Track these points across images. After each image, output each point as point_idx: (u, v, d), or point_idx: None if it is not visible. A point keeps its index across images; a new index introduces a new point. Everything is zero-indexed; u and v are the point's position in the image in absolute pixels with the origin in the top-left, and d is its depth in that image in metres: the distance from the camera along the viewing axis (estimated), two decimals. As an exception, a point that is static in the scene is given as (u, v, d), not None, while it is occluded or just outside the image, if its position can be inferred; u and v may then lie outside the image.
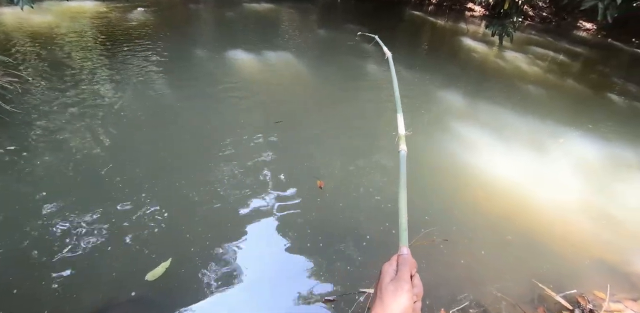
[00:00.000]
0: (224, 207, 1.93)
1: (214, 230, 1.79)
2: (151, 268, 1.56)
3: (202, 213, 1.87)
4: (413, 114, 3.27)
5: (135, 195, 1.92)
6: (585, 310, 1.63)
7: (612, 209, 2.45)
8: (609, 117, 4.13)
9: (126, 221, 1.77)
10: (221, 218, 1.86)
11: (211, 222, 1.83)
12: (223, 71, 3.64)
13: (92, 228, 1.71)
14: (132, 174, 2.06)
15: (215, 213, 1.88)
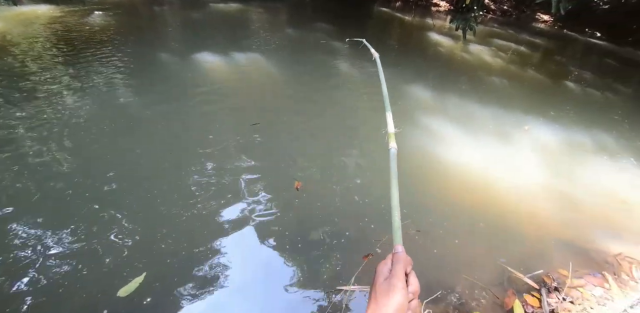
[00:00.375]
0: (199, 215, 1.88)
1: (189, 239, 1.74)
2: (124, 284, 1.50)
3: (176, 223, 1.82)
4: (379, 106, 3.31)
5: (104, 209, 1.84)
6: (551, 288, 1.72)
7: (572, 190, 2.59)
8: (567, 104, 4.36)
9: (95, 236, 1.69)
10: (196, 227, 1.82)
11: (186, 232, 1.78)
12: (191, 75, 3.53)
13: (59, 245, 1.63)
14: (99, 187, 1.97)
15: (190, 222, 1.83)
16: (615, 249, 2.10)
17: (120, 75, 3.29)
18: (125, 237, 1.70)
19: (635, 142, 3.52)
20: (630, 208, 2.52)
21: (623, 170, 2.99)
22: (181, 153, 2.33)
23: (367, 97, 3.54)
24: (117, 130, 2.47)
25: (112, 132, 2.44)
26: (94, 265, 1.56)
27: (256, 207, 1.99)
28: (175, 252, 1.67)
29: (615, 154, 3.23)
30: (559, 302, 1.63)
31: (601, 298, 1.72)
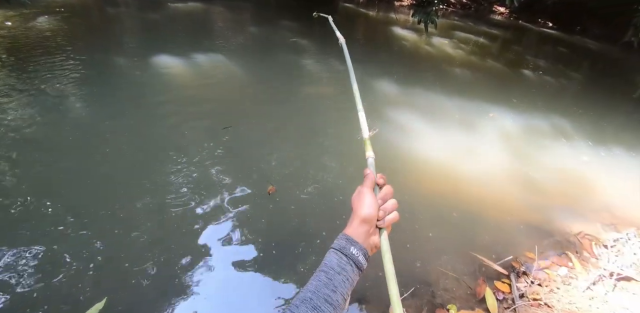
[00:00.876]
0: (166, 230, 1.75)
1: (156, 257, 1.61)
2: (83, 310, 1.37)
3: (140, 241, 1.68)
4: (350, 105, 3.27)
5: (60, 231, 1.67)
6: (520, 273, 1.76)
7: (534, 174, 2.67)
8: (525, 92, 4.52)
9: (50, 261, 1.52)
10: (164, 243, 1.69)
11: (152, 249, 1.65)
12: (152, 80, 3.31)
13: (9, 272, 1.46)
14: (53, 209, 1.78)
15: (156, 238, 1.70)
16: (576, 228, 2.18)
17: (72, 85, 3.01)
18: (84, 259, 1.55)
19: (586, 125, 3.70)
20: (586, 188, 2.63)
21: (579, 152, 3.13)
22: (147, 164, 2.17)
23: (336, 96, 3.49)
24: (73, 145, 2.23)
25: (67, 148, 2.22)
26: (50, 291, 1.41)
27: (228, 216, 1.88)
28: (140, 272, 1.54)
29: (571, 137, 3.37)
30: (527, 286, 1.66)
31: (566, 278, 1.77)
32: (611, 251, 1.95)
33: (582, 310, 1.52)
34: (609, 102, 4.68)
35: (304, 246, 1.77)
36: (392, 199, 0.62)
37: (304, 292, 0.50)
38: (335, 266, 0.53)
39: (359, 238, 0.56)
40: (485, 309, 1.57)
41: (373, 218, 0.57)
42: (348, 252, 0.54)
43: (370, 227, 0.57)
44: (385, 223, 0.59)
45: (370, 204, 0.57)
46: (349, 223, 0.58)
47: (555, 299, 1.58)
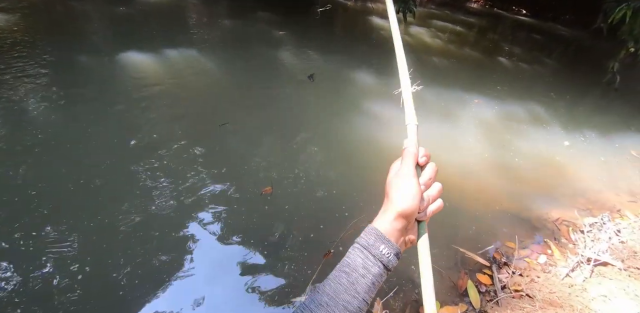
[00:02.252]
0: (155, 236, 1.62)
1: (144, 265, 1.49)
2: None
3: (127, 248, 1.54)
4: (327, 97, 3.16)
5: (35, 239, 1.51)
6: (501, 263, 1.73)
7: (512, 161, 2.65)
8: (501, 79, 4.50)
9: (25, 279, 1.38)
10: (152, 250, 1.56)
11: (140, 256, 1.52)
12: (124, 79, 3.05)
13: None
14: (25, 221, 1.61)
15: (144, 245, 1.57)
16: (554, 215, 2.17)
17: (36, 86, 2.73)
18: (64, 274, 1.41)
19: (561, 111, 3.72)
20: (562, 173, 2.63)
21: (554, 138, 3.13)
22: (121, 167, 1.99)
23: (316, 91, 3.35)
24: (40, 150, 2.02)
25: (33, 153, 2.02)
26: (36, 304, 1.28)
27: (220, 218, 1.76)
28: (128, 284, 1.42)
29: (546, 123, 3.38)
30: (509, 277, 1.63)
31: (545, 265, 1.76)
32: (587, 236, 1.95)
33: (562, 299, 1.50)
34: (581, 87, 4.73)
35: (295, 245, 1.69)
36: (436, 183, 0.51)
37: (319, 293, 0.40)
38: (360, 267, 0.43)
39: (392, 235, 0.45)
40: (468, 303, 1.53)
41: (414, 212, 0.45)
42: (376, 252, 0.44)
43: (409, 223, 0.46)
44: (427, 215, 0.48)
45: (413, 194, 0.45)
46: (382, 214, 0.46)
47: (536, 289, 1.55)
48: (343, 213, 1.90)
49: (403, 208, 0.44)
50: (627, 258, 1.77)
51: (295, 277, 1.56)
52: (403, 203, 0.45)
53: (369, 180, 2.18)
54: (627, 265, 1.73)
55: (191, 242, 1.65)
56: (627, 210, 2.28)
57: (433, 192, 0.49)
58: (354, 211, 1.92)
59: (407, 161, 0.50)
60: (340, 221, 1.84)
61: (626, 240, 1.92)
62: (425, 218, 0.48)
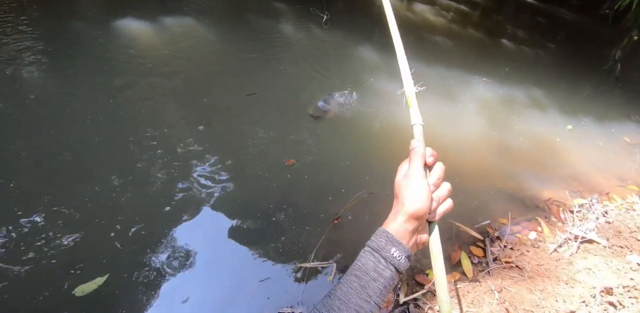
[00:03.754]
0: (150, 209, 1.60)
1: (148, 235, 1.48)
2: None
3: (122, 226, 1.53)
4: (329, 75, 3.07)
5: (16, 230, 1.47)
6: (493, 237, 1.79)
7: (509, 142, 2.68)
8: (503, 61, 4.45)
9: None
10: (156, 219, 1.55)
11: (145, 225, 1.51)
12: (118, 48, 2.81)
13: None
14: (17, 194, 1.56)
15: (140, 219, 1.55)
16: (545, 195, 2.24)
17: (25, 57, 2.52)
18: (73, 238, 1.40)
19: (560, 95, 3.73)
20: (558, 156, 2.69)
21: (552, 121, 3.17)
22: (116, 144, 1.89)
23: (322, 67, 3.24)
24: (30, 124, 1.90)
25: (22, 128, 1.91)
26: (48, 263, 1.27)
27: (219, 187, 1.75)
28: (135, 253, 1.41)
29: (544, 107, 3.40)
30: (500, 250, 1.70)
31: (535, 241, 1.83)
32: (576, 216, 2.03)
33: (549, 270, 1.58)
34: (581, 73, 4.73)
35: (291, 219, 1.70)
36: (445, 183, 0.51)
37: (331, 297, 0.41)
38: (371, 271, 0.43)
39: (404, 237, 0.45)
40: (461, 272, 1.60)
41: (425, 213, 0.46)
42: (387, 255, 0.44)
43: (420, 224, 0.46)
44: (437, 216, 0.48)
45: (423, 195, 0.45)
46: (392, 217, 0.47)
47: (525, 261, 1.63)
48: (350, 186, 1.91)
49: (414, 210, 0.45)
50: (611, 237, 1.86)
51: (305, 240, 1.60)
52: (414, 204, 0.45)
53: (368, 154, 2.19)
54: (611, 243, 1.82)
55: (206, 206, 1.65)
56: (615, 193, 2.37)
57: (443, 192, 0.50)
58: (351, 184, 1.94)
59: (415, 162, 0.50)
60: (348, 193, 1.86)
61: (612, 220, 2.00)
62: (436, 219, 0.48)
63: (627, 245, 1.77)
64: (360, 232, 1.70)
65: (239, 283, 1.42)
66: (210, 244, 1.54)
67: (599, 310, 1.43)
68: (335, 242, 1.63)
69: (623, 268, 1.59)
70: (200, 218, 1.62)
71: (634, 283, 1.51)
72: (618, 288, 1.50)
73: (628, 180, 2.53)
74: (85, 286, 1.30)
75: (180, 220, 1.58)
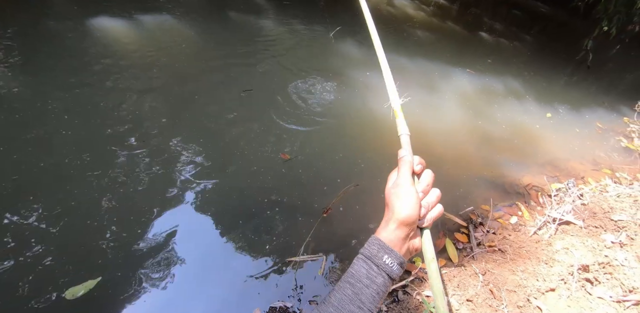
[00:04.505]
0: (127, 210, 1.57)
1: (130, 230, 1.45)
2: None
3: (96, 227, 1.49)
4: (310, 70, 3.07)
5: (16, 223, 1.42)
6: (477, 223, 1.84)
7: (489, 131, 2.75)
8: (482, 54, 4.54)
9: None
10: (142, 221, 1.52)
11: (130, 225, 1.48)
12: (93, 47, 2.69)
13: None
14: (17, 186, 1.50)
15: (119, 220, 1.52)
16: (525, 181, 2.31)
17: None
18: (72, 241, 1.35)
19: (536, 86, 3.84)
20: (536, 143, 2.78)
21: (529, 110, 3.26)
22: (94, 146, 1.87)
23: (304, 63, 3.23)
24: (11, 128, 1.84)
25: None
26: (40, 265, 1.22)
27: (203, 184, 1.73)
28: (129, 253, 1.38)
29: (522, 97, 3.49)
30: (483, 235, 1.75)
31: (516, 225, 1.90)
32: (554, 200, 2.11)
33: (530, 252, 1.64)
34: (556, 64, 4.88)
35: (276, 218, 1.70)
36: (434, 189, 0.52)
37: (325, 304, 0.41)
38: (364, 278, 0.44)
39: (395, 244, 0.46)
40: (447, 258, 1.64)
41: (414, 220, 0.47)
42: (380, 262, 0.45)
43: (411, 231, 0.47)
44: (428, 222, 0.49)
45: (411, 202, 0.46)
46: (383, 225, 0.48)
47: (507, 245, 1.68)
48: (336, 180, 1.92)
49: (404, 217, 0.46)
50: (587, 218, 1.94)
51: (295, 234, 1.60)
52: (403, 211, 0.46)
53: (353, 147, 2.21)
54: (587, 224, 1.89)
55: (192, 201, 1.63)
56: (590, 177, 2.47)
57: (432, 198, 0.50)
58: (351, 176, 1.95)
59: (404, 170, 0.51)
60: (336, 186, 1.87)
61: (587, 202, 2.09)
62: (427, 225, 0.49)
63: (602, 225, 1.85)
64: (349, 224, 1.72)
65: (229, 280, 1.41)
66: (201, 243, 1.52)
67: (577, 286, 1.49)
68: (325, 234, 1.65)
69: (598, 247, 1.67)
70: (191, 217, 1.61)
71: (608, 260, 1.58)
72: (594, 265, 1.57)
73: (601, 164, 2.64)
74: (75, 289, 1.27)
75: (171, 218, 1.56)
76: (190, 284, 1.36)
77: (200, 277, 1.39)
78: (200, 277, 1.40)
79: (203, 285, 1.37)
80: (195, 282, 1.37)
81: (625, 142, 3.03)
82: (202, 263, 1.44)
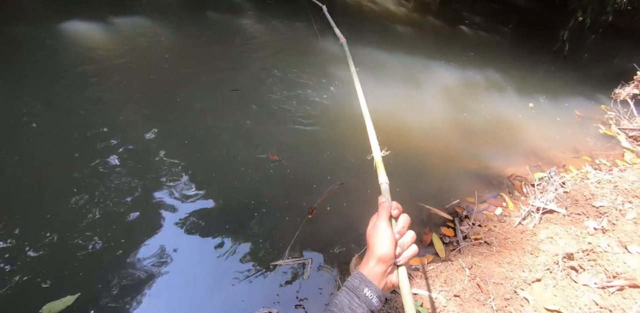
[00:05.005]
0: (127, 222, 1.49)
1: (112, 242, 1.38)
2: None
3: (77, 243, 1.41)
4: (291, 69, 3.01)
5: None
6: (462, 217, 1.82)
7: (472, 124, 2.75)
8: (463, 47, 4.55)
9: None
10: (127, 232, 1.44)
11: (110, 237, 1.40)
12: (68, 52, 2.56)
13: None
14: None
15: (107, 224, 1.44)
16: (508, 171, 2.32)
17: None
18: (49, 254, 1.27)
19: (516, 78, 3.87)
20: (518, 134, 2.79)
21: (508, 101, 3.28)
22: (75, 151, 1.77)
23: (288, 63, 3.16)
24: None
25: None
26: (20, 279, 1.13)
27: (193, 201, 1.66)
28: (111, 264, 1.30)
29: (503, 89, 3.51)
30: (469, 228, 1.73)
31: (501, 216, 1.89)
32: (537, 189, 2.11)
33: (515, 243, 1.63)
34: (535, 55, 4.93)
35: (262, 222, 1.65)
36: (409, 232, 0.58)
37: None
38: (346, 307, 0.48)
39: (375, 278, 0.51)
40: (434, 253, 1.62)
41: (391, 257, 0.52)
42: (361, 294, 0.49)
43: (388, 266, 0.53)
44: (403, 260, 0.54)
45: (387, 242, 0.53)
46: (365, 261, 0.54)
47: (493, 236, 1.67)
48: (322, 180, 1.88)
49: (381, 254, 0.52)
50: (569, 206, 1.95)
51: (280, 237, 1.55)
52: (381, 249, 0.52)
53: (338, 145, 2.16)
54: (569, 211, 1.90)
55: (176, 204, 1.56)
56: (571, 165, 2.49)
57: (407, 239, 0.56)
58: (336, 175, 1.91)
59: (382, 214, 0.58)
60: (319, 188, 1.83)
61: (569, 190, 2.10)
62: (403, 263, 0.54)
63: (584, 212, 1.86)
64: (335, 223, 1.68)
65: (211, 289, 1.35)
66: (183, 252, 1.45)
67: (562, 275, 1.49)
68: (310, 236, 1.60)
69: (581, 234, 1.67)
70: (173, 225, 1.54)
71: (592, 247, 1.59)
72: (578, 253, 1.57)
73: (582, 152, 2.67)
74: (53, 304, 1.20)
75: (152, 228, 1.49)
76: (171, 297, 1.30)
77: (181, 289, 1.33)
78: (181, 288, 1.34)
79: (185, 297, 1.31)
80: (177, 294, 1.31)
81: (603, 129, 3.08)
82: (183, 273, 1.38)
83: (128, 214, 1.52)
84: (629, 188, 1.97)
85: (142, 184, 1.65)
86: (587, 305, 1.34)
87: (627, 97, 3.67)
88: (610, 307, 1.32)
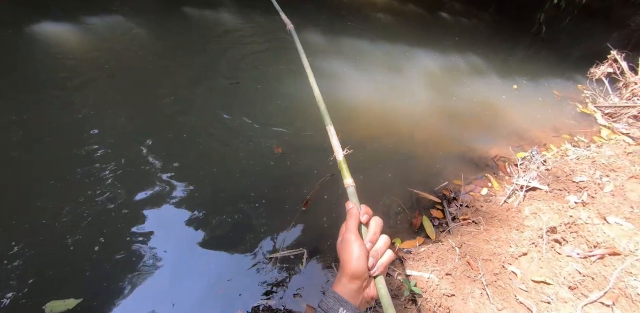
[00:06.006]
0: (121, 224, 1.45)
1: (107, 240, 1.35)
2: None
3: (94, 234, 1.37)
4: (275, 61, 2.96)
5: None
6: (450, 198, 1.85)
7: (455, 108, 2.77)
8: (444, 33, 4.55)
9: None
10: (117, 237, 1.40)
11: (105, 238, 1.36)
12: (41, 56, 2.47)
13: None
14: None
15: (95, 230, 1.41)
16: (492, 153, 2.35)
17: None
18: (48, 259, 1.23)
19: (496, 62, 3.90)
20: (500, 116, 2.83)
21: (490, 85, 3.31)
22: (61, 158, 1.72)
23: (271, 57, 3.10)
24: None
25: None
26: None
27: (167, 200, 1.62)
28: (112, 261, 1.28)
29: (484, 72, 3.53)
30: (457, 209, 1.77)
31: (487, 196, 1.93)
32: (520, 168, 2.16)
33: (502, 221, 1.67)
34: (514, 38, 4.98)
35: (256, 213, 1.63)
36: (382, 236, 0.53)
37: None
38: None
39: (350, 296, 0.48)
40: (425, 236, 1.64)
41: (363, 272, 0.48)
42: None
43: (362, 281, 0.49)
44: (379, 270, 0.50)
45: (357, 257, 0.48)
46: (337, 279, 0.50)
47: (480, 216, 1.71)
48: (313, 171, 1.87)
49: (352, 271, 0.48)
50: (551, 183, 2.00)
51: (275, 230, 1.55)
52: (351, 266, 0.48)
53: (319, 136, 2.15)
54: (551, 188, 1.96)
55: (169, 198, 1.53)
56: (551, 143, 2.55)
57: (380, 245, 0.52)
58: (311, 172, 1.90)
59: (350, 223, 0.53)
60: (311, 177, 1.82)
61: (550, 167, 2.15)
62: (379, 273, 0.50)
63: (565, 188, 1.91)
64: (329, 213, 1.68)
65: (208, 284, 1.35)
66: (180, 247, 1.43)
67: (547, 248, 1.54)
68: (305, 227, 1.60)
69: (563, 208, 1.72)
70: (170, 221, 1.51)
71: (573, 220, 1.64)
72: (561, 226, 1.62)
73: (561, 130, 2.73)
74: (56, 304, 1.18)
75: (148, 224, 1.46)
76: (169, 291, 1.29)
77: (179, 283, 1.33)
78: (179, 283, 1.33)
79: (182, 291, 1.31)
80: (174, 289, 1.30)
81: (580, 107, 3.15)
82: (180, 268, 1.37)
83: (120, 211, 1.49)
84: (606, 163, 2.03)
85: (134, 181, 1.62)
86: (571, 274, 1.39)
87: (602, 75, 3.75)
88: (592, 274, 1.37)
